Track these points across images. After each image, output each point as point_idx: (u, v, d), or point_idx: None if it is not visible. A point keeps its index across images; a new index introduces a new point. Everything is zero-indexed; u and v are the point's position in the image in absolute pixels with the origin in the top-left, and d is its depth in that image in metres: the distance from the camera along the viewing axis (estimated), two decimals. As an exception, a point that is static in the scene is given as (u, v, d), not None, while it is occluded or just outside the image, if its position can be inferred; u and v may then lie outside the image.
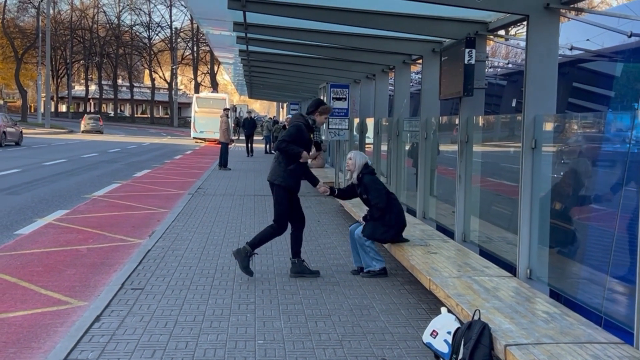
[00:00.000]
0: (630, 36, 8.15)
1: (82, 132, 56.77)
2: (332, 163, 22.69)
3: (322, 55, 14.54)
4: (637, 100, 8.53)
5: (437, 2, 7.37)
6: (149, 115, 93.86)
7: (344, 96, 15.31)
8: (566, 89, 10.09)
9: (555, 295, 6.45)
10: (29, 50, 77.90)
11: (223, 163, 23.82)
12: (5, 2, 78.30)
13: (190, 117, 52.49)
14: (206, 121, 45.44)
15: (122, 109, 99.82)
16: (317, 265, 8.59)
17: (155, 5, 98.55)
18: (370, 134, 15.46)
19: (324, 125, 14.21)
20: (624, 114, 7.43)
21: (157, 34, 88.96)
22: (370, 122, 15.54)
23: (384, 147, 14.01)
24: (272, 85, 28.01)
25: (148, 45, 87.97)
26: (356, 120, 16.62)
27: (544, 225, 6.80)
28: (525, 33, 7.18)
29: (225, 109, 26.42)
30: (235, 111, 51.95)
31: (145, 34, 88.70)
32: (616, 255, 5.80)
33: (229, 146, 24.59)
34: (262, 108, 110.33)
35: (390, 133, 13.20)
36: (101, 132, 57.82)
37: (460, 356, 5.01)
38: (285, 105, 36.83)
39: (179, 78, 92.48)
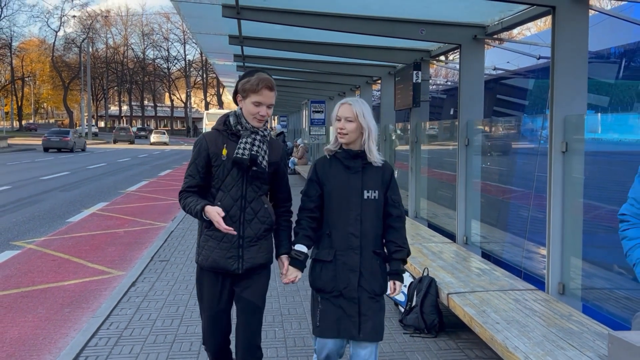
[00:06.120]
0: (539, 58, 8.24)
1: (151, 144, 51.67)
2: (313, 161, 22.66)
3: (303, 79, 14.55)
4: (545, 107, 8.64)
5: (391, 36, 7.38)
6: (169, 128, 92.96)
7: (322, 109, 15.37)
8: (491, 100, 10.17)
9: (486, 255, 6.50)
10: (74, 80, 77.11)
11: None
12: (54, 43, 77.70)
13: (202, 129, 52.17)
14: None
15: (148, 123, 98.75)
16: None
17: (172, 43, 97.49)
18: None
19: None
20: (536, 118, 7.52)
21: (174, 65, 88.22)
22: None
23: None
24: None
25: (167, 74, 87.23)
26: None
27: (476, 203, 6.88)
28: (459, 58, 7.25)
29: None
30: None
31: (165, 65, 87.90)
32: (531, 225, 5.85)
33: None
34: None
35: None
36: (167, 144, 52.39)
37: (413, 303, 5.06)
38: (275, 117, 36.66)
39: (192, 98, 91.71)
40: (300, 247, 3.19)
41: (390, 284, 3.22)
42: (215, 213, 3.02)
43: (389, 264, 3.23)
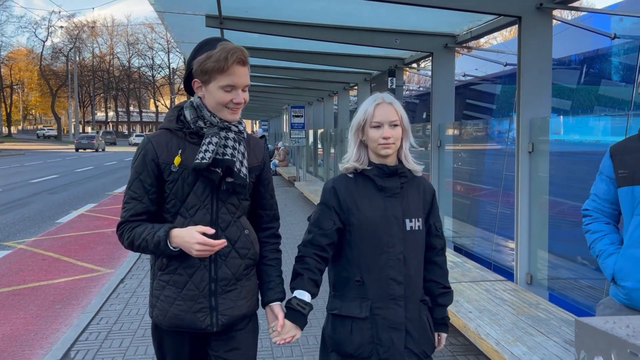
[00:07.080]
0: (505, 65, 8.36)
1: (131, 145, 58.07)
2: (294, 162, 22.61)
3: (283, 85, 14.55)
4: (512, 111, 8.75)
5: (367, 45, 7.43)
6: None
7: (301, 114, 15.37)
8: (462, 104, 10.27)
9: (458, 249, 6.55)
10: (61, 88, 76.04)
11: None
12: (42, 52, 76.56)
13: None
14: None
15: (134, 128, 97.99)
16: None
17: (156, 52, 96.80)
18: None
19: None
20: (503, 121, 7.61)
21: (158, 73, 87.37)
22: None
23: (332, 150, 14.07)
24: (247, 107, 27.77)
25: (152, 81, 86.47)
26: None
27: (448, 201, 6.94)
28: (431, 65, 7.31)
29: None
30: None
31: (149, 73, 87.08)
32: (500, 220, 5.93)
33: None
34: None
35: (336, 140, 13.28)
36: None
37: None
38: (257, 122, 36.56)
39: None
40: (303, 295, 2.13)
41: (435, 336, 2.27)
42: (193, 236, 1.89)
43: (432, 311, 2.27)
